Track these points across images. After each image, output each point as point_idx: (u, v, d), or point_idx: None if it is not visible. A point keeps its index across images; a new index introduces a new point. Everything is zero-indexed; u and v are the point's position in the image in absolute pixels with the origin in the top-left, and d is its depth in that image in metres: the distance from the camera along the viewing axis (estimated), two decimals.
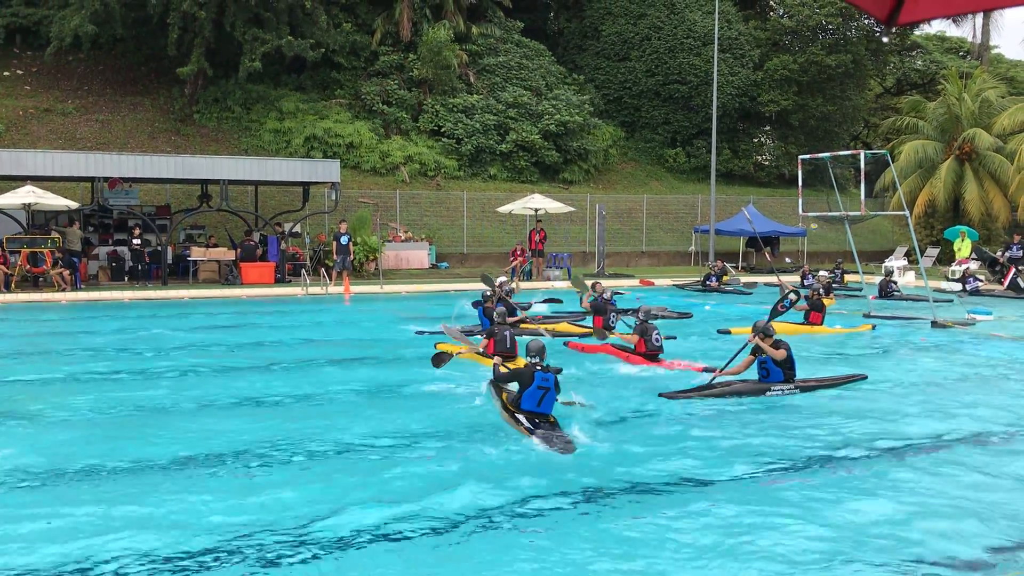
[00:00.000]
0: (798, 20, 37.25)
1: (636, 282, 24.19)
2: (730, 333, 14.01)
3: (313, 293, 20.67)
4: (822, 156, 19.91)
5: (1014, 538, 5.44)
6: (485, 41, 35.00)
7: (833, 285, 20.52)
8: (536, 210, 26.49)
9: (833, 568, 4.95)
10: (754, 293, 21.91)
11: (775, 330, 9.75)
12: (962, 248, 26.79)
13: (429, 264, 27.86)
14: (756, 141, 40.46)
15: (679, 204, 34.85)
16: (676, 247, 33.40)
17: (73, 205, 21.78)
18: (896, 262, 28.00)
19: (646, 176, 36.97)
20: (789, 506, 5.91)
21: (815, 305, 14.98)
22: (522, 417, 7.71)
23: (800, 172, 20.84)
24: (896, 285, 21.50)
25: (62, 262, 20.33)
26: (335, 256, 22.53)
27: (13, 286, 19.77)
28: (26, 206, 20.70)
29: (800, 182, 21.24)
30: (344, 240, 22.53)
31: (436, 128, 32.59)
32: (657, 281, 24.73)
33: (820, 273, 20.11)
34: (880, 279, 22.32)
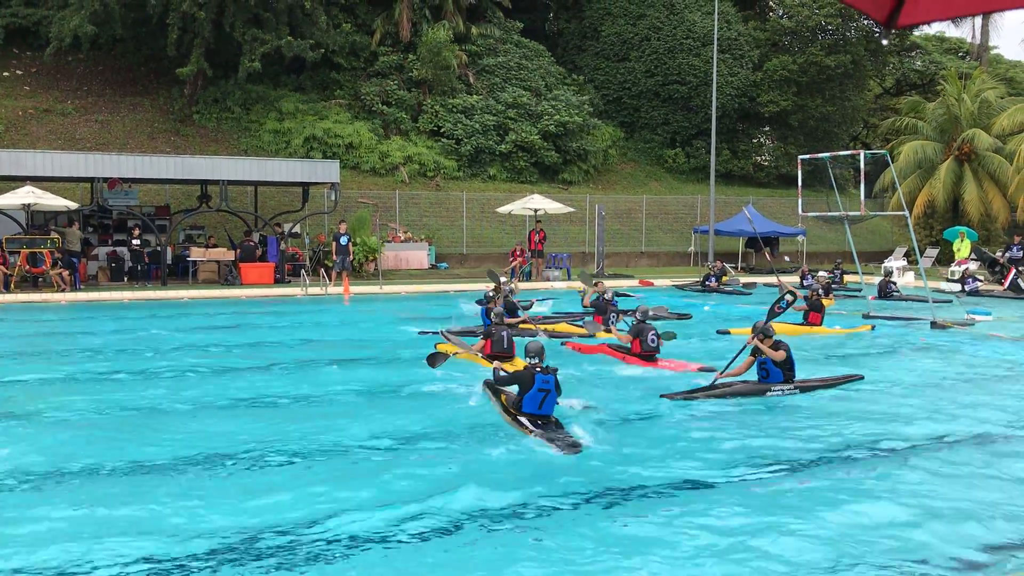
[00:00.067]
0: (797, 21, 37.28)
1: (635, 282, 24.20)
2: (729, 333, 14.02)
3: (312, 294, 20.67)
4: (822, 156, 19.92)
5: (1015, 538, 5.44)
6: (484, 42, 35.01)
7: (832, 286, 20.53)
8: (535, 210, 26.50)
9: (835, 570, 4.95)
10: (753, 293, 21.93)
11: (775, 331, 9.75)
12: (961, 249, 26.81)
13: (428, 264, 27.87)
14: (755, 142, 40.48)
15: (678, 204, 34.87)
16: (675, 247, 33.41)
17: (72, 205, 21.79)
18: (895, 263, 28.00)
19: (645, 176, 36.98)
20: (790, 507, 5.92)
21: (814, 305, 14.99)
22: (525, 420, 7.71)
23: (800, 172, 20.87)
24: (895, 286, 21.51)
25: (61, 262, 20.32)
26: (334, 256, 22.54)
27: (12, 286, 19.77)
28: (25, 206, 20.70)
29: (800, 182, 21.28)
30: (344, 240, 22.54)
31: (435, 128, 32.60)
32: (656, 282, 24.73)
33: (819, 274, 20.12)
34: (879, 279, 22.33)
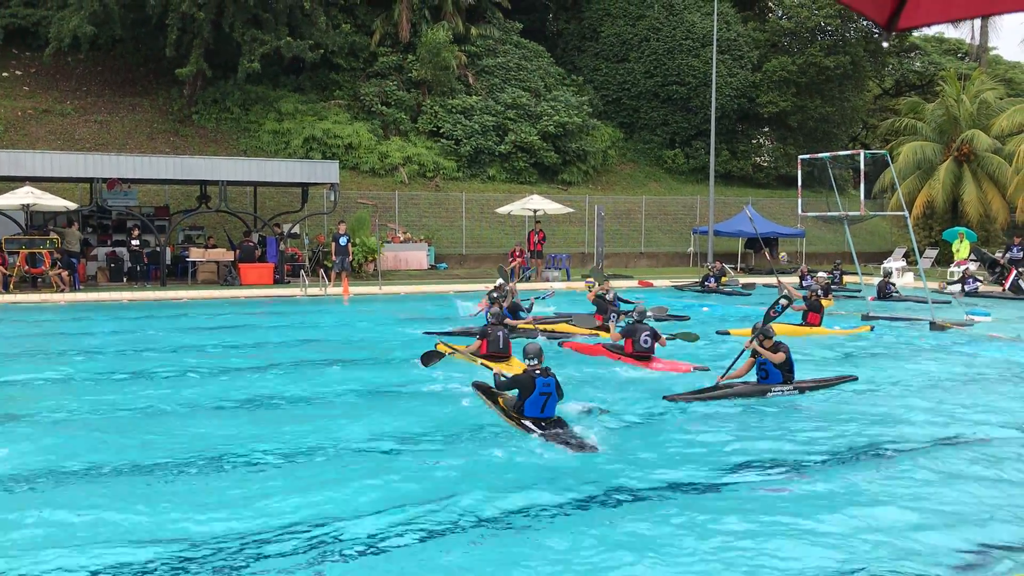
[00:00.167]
0: (797, 21, 37.31)
1: (635, 283, 24.20)
2: (729, 334, 14.02)
3: (312, 294, 20.66)
4: (822, 156, 19.93)
5: (1012, 539, 5.44)
6: (484, 42, 35.02)
7: (831, 286, 20.53)
8: (535, 211, 26.49)
9: (836, 571, 4.95)
10: (753, 294, 21.92)
11: (775, 331, 9.75)
12: (960, 249, 26.82)
13: (428, 265, 27.87)
14: (755, 142, 40.50)
15: (678, 205, 34.87)
16: (675, 248, 33.41)
17: (72, 206, 21.78)
18: (895, 263, 28.01)
19: (645, 177, 36.99)
20: (791, 509, 5.91)
21: (813, 306, 14.98)
22: (529, 423, 7.69)
23: (799, 172, 20.89)
24: (895, 286, 21.50)
25: (61, 263, 20.31)
26: (334, 257, 22.54)
27: (12, 287, 19.76)
28: (25, 207, 20.69)
29: (799, 182, 21.29)
30: (343, 241, 22.54)
31: (435, 129, 32.60)
32: (656, 282, 24.73)
33: (819, 274, 20.11)
34: (879, 280, 22.33)
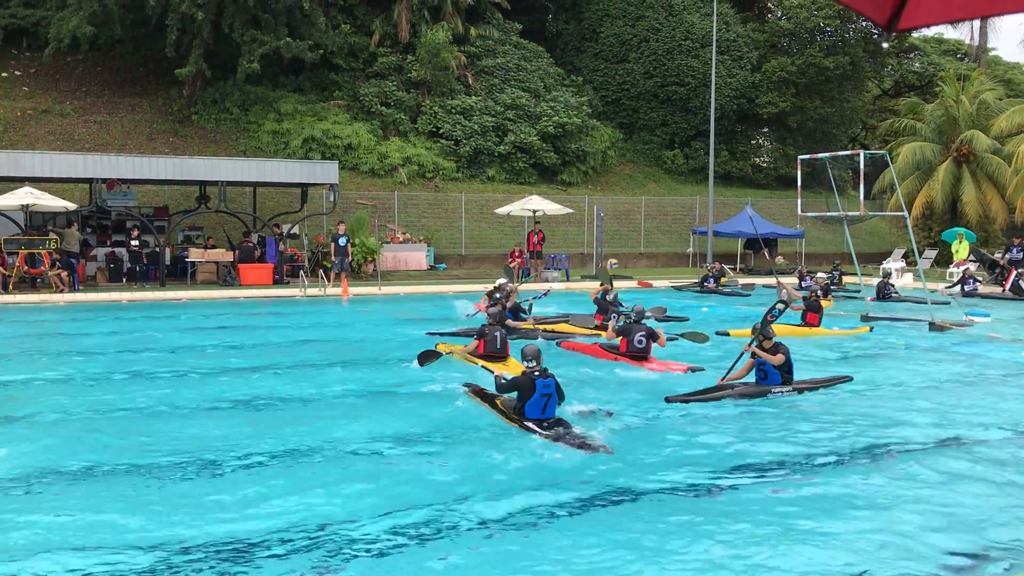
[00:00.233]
0: (796, 22, 37.33)
1: (634, 283, 24.20)
2: (729, 335, 14.00)
3: (311, 295, 20.66)
4: (821, 156, 19.94)
5: (1015, 540, 5.44)
6: (483, 43, 35.03)
7: (831, 287, 20.53)
8: (534, 211, 26.50)
9: (839, 575, 4.95)
10: (752, 295, 21.93)
11: (774, 332, 9.75)
12: (960, 250, 26.85)
13: (427, 265, 27.87)
14: (754, 143, 40.53)
15: (677, 206, 34.89)
16: (674, 248, 33.42)
17: (71, 206, 21.78)
18: (894, 264, 28.02)
19: (644, 178, 37.01)
20: (793, 510, 5.89)
21: (812, 306, 14.98)
22: (532, 424, 7.68)
23: (799, 173, 20.91)
24: (894, 287, 21.49)
25: (60, 263, 20.31)
26: (333, 257, 22.54)
27: (11, 287, 19.76)
28: (24, 207, 20.69)
29: (799, 183, 21.31)
30: (342, 241, 22.54)
31: (434, 130, 32.60)
32: (655, 283, 24.74)
33: (818, 275, 20.13)
34: (878, 281, 22.33)
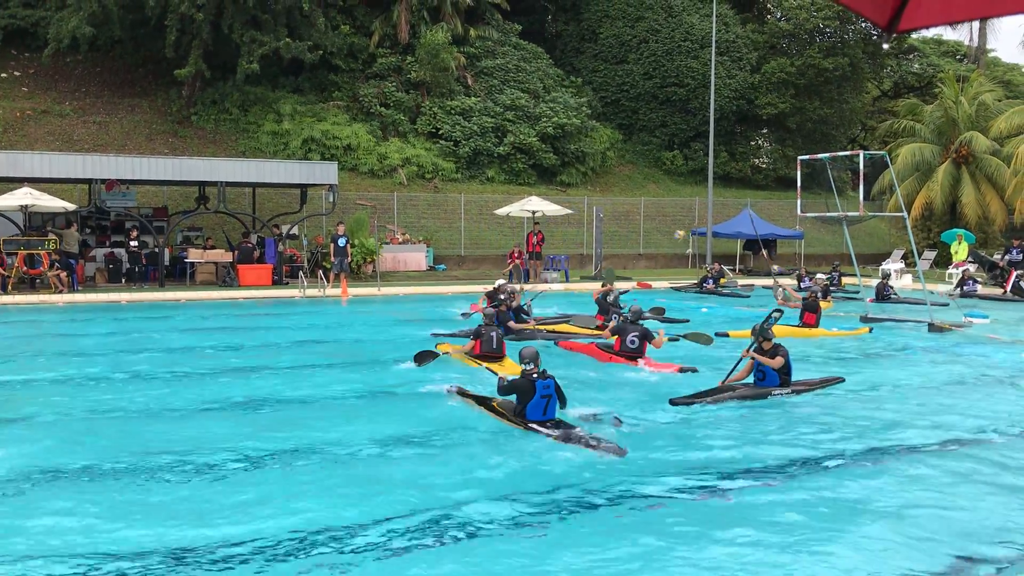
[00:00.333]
0: (795, 23, 37.33)
1: (634, 284, 24.19)
2: (728, 336, 14.00)
3: (310, 295, 20.66)
4: (821, 157, 19.94)
5: (1015, 540, 5.44)
6: (483, 43, 35.03)
7: (830, 288, 20.54)
8: (533, 212, 26.49)
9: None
10: (751, 295, 21.93)
11: (774, 333, 9.76)
12: (959, 251, 26.87)
13: (427, 266, 27.87)
14: (753, 144, 40.54)
15: (676, 207, 34.90)
16: (673, 250, 33.42)
17: (70, 207, 21.77)
18: (893, 265, 28.02)
19: (643, 179, 37.02)
20: (795, 513, 5.86)
21: (810, 306, 14.97)
22: (535, 425, 7.67)
23: (799, 173, 20.92)
24: (892, 288, 21.49)
25: (59, 264, 20.30)
26: (332, 258, 22.55)
27: (10, 288, 19.75)
28: (23, 208, 20.68)
29: (799, 183, 21.32)
30: (342, 242, 22.55)
31: (434, 130, 32.60)
32: (654, 284, 24.75)
33: (817, 276, 20.13)
34: (877, 282, 22.33)
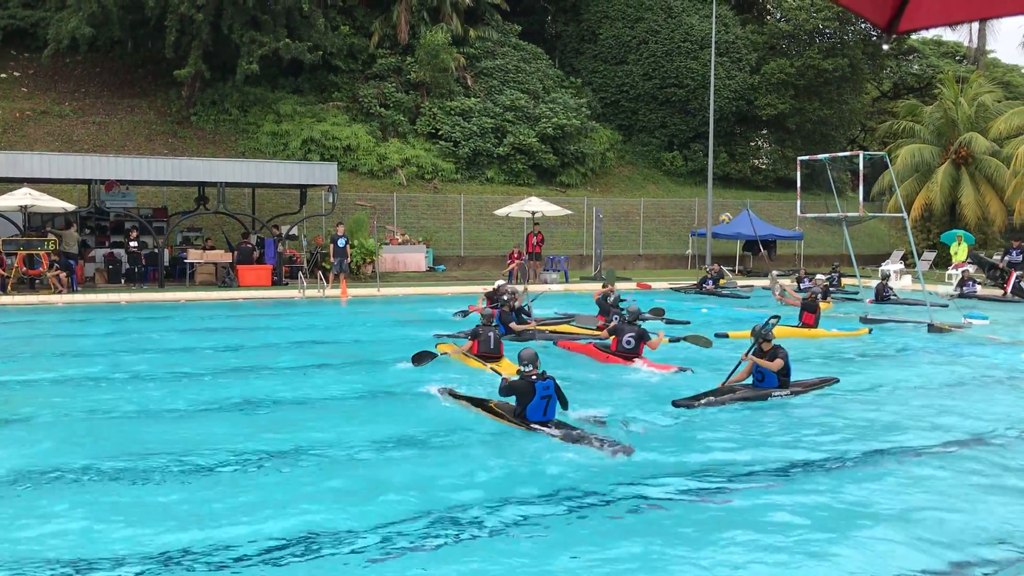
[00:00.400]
0: (795, 24, 37.34)
1: (633, 285, 24.20)
2: (728, 337, 13.99)
3: (310, 296, 20.65)
4: (821, 157, 19.91)
5: (1013, 540, 5.44)
6: (483, 44, 35.03)
7: (830, 289, 20.54)
8: (533, 213, 26.49)
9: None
10: (751, 296, 21.93)
11: (774, 335, 9.76)
12: (958, 252, 26.87)
13: (426, 267, 27.86)
14: (753, 145, 40.54)
15: (676, 207, 34.89)
16: (673, 250, 33.42)
17: (70, 207, 21.76)
18: (892, 266, 28.02)
19: (643, 179, 37.01)
20: (796, 515, 5.86)
21: (808, 306, 14.97)
22: (537, 426, 7.66)
23: (799, 174, 20.91)
24: (892, 290, 21.48)
25: (58, 264, 20.29)
26: (332, 259, 22.54)
27: (9, 288, 19.74)
28: (23, 208, 20.67)
29: (799, 184, 21.32)
30: (341, 243, 22.54)
31: (433, 131, 32.60)
32: (654, 284, 24.74)
33: (817, 277, 20.13)
34: (877, 283, 22.32)
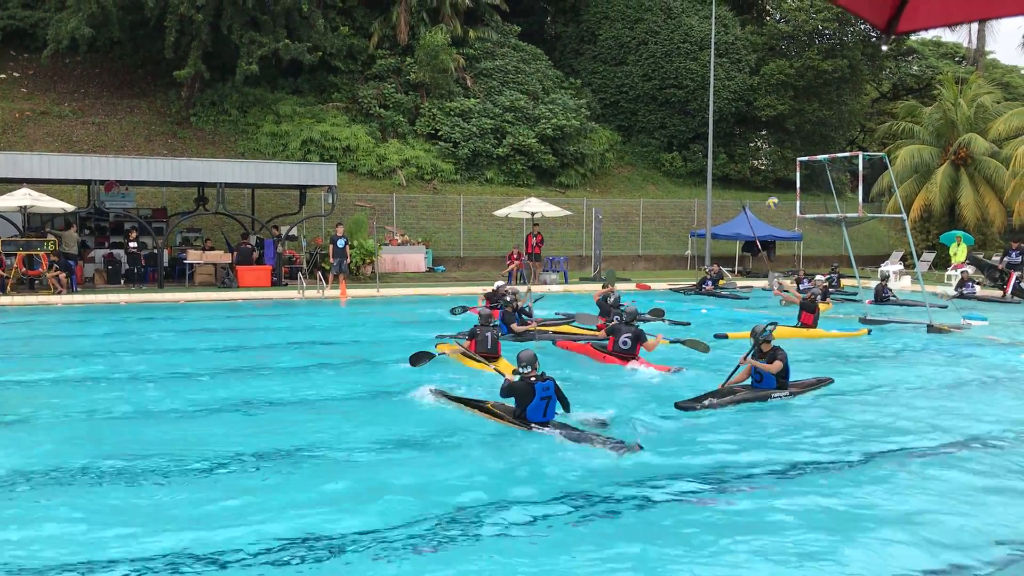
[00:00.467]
0: (795, 25, 37.36)
1: (633, 286, 24.20)
2: (728, 337, 13.99)
3: (309, 296, 20.65)
4: (820, 158, 19.91)
5: (1012, 540, 5.44)
6: (482, 45, 35.03)
7: (829, 289, 20.54)
8: (532, 214, 26.48)
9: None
10: (750, 297, 21.94)
11: (774, 336, 9.76)
12: (958, 253, 26.88)
13: (426, 268, 27.86)
14: (752, 146, 40.55)
15: (675, 208, 34.90)
16: (672, 251, 33.43)
17: (69, 208, 21.74)
18: (891, 267, 28.03)
19: (642, 180, 37.02)
20: (796, 516, 5.86)
21: (807, 306, 14.97)
22: (537, 427, 7.64)
23: (798, 174, 20.92)
24: (891, 291, 21.49)
25: (58, 265, 20.29)
26: (331, 259, 22.54)
27: (9, 289, 19.73)
28: (22, 209, 20.66)
29: (798, 184, 21.32)
30: (340, 243, 22.54)
31: (433, 132, 32.60)
32: (653, 285, 24.75)
33: (816, 277, 20.14)
34: (876, 284, 22.33)
